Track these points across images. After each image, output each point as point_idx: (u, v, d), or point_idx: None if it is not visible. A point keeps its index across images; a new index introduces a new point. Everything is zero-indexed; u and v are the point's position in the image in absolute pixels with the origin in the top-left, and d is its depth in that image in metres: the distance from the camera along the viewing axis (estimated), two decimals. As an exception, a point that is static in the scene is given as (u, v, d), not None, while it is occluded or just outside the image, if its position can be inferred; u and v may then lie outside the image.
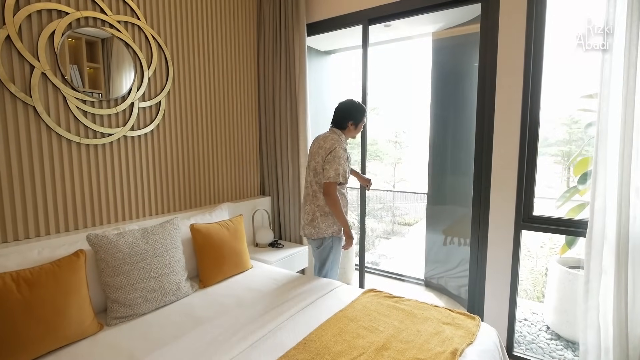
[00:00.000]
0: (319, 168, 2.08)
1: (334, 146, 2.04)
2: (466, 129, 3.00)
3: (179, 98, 2.34)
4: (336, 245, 2.15)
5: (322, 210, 2.10)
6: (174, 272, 1.82)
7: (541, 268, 4.13)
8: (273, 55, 2.81)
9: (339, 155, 2.02)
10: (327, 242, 2.13)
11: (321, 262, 2.19)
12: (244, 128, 2.84)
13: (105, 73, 1.94)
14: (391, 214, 8.82)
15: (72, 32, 1.80)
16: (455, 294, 3.08)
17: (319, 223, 2.10)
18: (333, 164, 2.00)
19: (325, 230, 2.10)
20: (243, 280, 2.09)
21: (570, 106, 2.87)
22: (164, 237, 1.84)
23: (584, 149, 2.40)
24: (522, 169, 2.07)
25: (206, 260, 2.03)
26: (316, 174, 2.10)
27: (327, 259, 2.17)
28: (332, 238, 2.13)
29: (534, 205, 2.11)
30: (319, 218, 2.10)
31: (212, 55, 2.54)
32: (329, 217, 2.10)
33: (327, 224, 2.10)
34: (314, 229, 2.11)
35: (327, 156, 2.03)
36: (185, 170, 2.40)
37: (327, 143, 2.06)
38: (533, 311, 2.85)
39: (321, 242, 2.15)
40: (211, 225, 2.10)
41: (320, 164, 2.07)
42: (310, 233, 2.14)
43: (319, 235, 2.12)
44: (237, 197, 2.83)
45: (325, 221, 2.10)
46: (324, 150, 2.06)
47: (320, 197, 2.09)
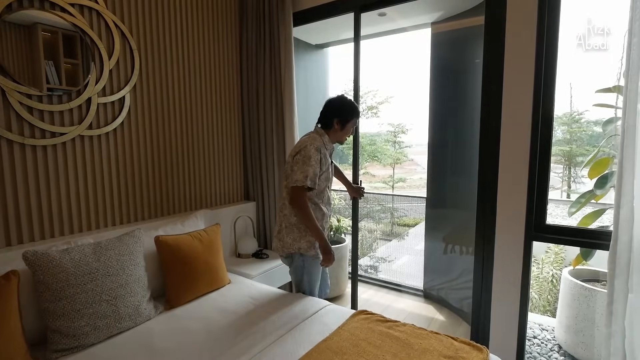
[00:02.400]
0: (289, 170, 1.77)
1: (305, 144, 1.73)
2: (468, 128, 2.75)
3: (148, 93, 2.09)
4: (309, 265, 1.83)
5: (287, 221, 1.80)
6: (132, 293, 1.57)
7: (546, 275, 3.90)
8: (257, 46, 2.56)
9: (309, 154, 1.69)
10: (297, 261, 1.84)
11: (296, 283, 1.92)
12: (224, 126, 2.59)
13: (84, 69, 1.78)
14: (390, 215, 8.59)
15: (47, 27, 1.64)
16: (456, 307, 2.83)
17: (284, 236, 1.81)
18: (302, 165, 1.68)
19: (290, 245, 1.79)
20: (217, 300, 1.83)
21: (583, 102, 2.65)
22: (120, 252, 1.58)
23: (601, 148, 2.15)
24: (533, 173, 1.82)
25: (174, 278, 1.78)
26: (286, 177, 1.80)
27: (301, 280, 1.88)
28: (302, 256, 1.82)
29: (547, 213, 1.87)
30: (283, 230, 1.81)
31: (187, 46, 2.29)
32: (295, 230, 1.78)
33: (293, 237, 1.78)
34: (280, 243, 1.83)
35: (296, 156, 1.72)
36: (155, 174, 2.15)
37: (300, 144, 1.77)
38: (542, 327, 2.60)
39: (290, 260, 1.87)
40: (181, 237, 1.85)
41: (290, 164, 1.76)
42: (276, 247, 1.86)
43: (284, 251, 1.83)
44: (217, 202, 2.58)
45: (290, 234, 1.79)
46: (295, 151, 1.76)
47: (287, 206, 1.79)
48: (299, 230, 1.78)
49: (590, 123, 5.24)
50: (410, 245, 6.02)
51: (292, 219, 1.79)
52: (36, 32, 1.62)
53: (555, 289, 3.75)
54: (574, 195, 6.13)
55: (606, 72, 2.39)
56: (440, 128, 3.08)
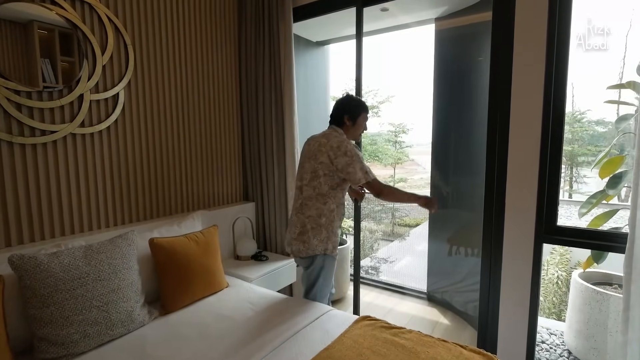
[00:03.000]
0: (322, 170, 1.72)
1: (343, 143, 1.71)
2: (473, 126, 2.68)
3: (143, 90, 2.02)
4: (328, 264, 1.81)
5: (314, 222, 1.75)
6: (125, 299, 1.50)
7: (551, 276, 3.82)
8: (256, 42, 2.49)
9: (354, 152, 1.70)
10: (318, 261, 1.79)
11: (309, 285, 1.86)
12: (223, 124, 2.52)
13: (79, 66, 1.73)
14: (391, 216, 8.52)
15: (43, 24, 1.60)
16: (461, 311, 2.75)
17: (310, 237, 1.75)
18: (356, 163, 1.69)
19: (316, 247, 1.76)
20: (214, 304, 1.76)
21: (584, 102, 2.58)
22: (112, 255, 1.51)
23: (612, 147, 2.07)
24: (544, 172, 1.75)
25: (169, 282, 1.71)
26: (315, 177, 1.73)
27: (316, 281, 1.83)
28: (324, 257, 1.79)
29: (558, 214, 1.79)
30: (309, 231, 1.75)
31: (184, 42, 2.22)
32: (323, 231, 1.76)
33: (320, 239, 1.76)
34: (303, 245, 1.77)
35: (344, 157, 1.68)
36: (151, 173, 2.08)
37: (332, 141, 1.72)
38: (550, 331, 2.53)
39: (311, 261, 1.81)
40: (176, 239, 1.78)
41: (327, 164, 1.71)
42: (298, 250, 1.79)
43: (308, 253, 1.77)
44: (215, 203, 2.51)
45: (318, 235, 1.75)
46: (329, 149, 1.70)
47: (312, 206, 1.75)
48: (327, 230, 1.76)
49: (592, 123, 5.17)
50: (411, 246, 5.95)
51: (320, 220, 1.74)
52: (32, 30, 1.58)
53: (561, 290, 3.67)
54: (576, 195, 6.03)
55: (606, 72, 2.33)
56: (444, 127, 3.00)
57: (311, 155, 1.76)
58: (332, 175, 1.73)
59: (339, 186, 1.78)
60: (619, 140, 2.10)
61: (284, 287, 2.43)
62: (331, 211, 1.77)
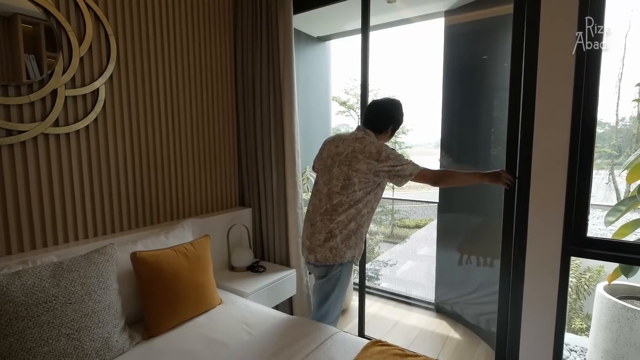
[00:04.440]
0: (358, 177, 1.57)
1: (382, 147, 1.58)
2: (488, 124, 2.51)
3: (127, 85, 1.82)
4: (345, 273, 1.67)
5: (343, 227, 1.60)
6: (100, 324, 1.30)
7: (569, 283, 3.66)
8: (253, 35, 2.30)
9: (395, 152, 1.59)
10: (335, 271, 1.64)
11: (323, 297, 1.70)
12: (217, 124, 2.32)
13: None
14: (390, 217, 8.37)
15: (28, 18, 1.46)
16: (473, 324, 2.57)
17: (339, 244, 1.60)
18: (399, 160, 1.56)
19: (344, 254, 1.62)
20: (205, 326, 1.57)
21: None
22: (86, 273, 1.32)
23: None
24: (573, 176, 1.57)
25: (154, 301, 1.51)
26: (349, 184, 1.57)
27: (331, 292, 1.67)
28: (343, 265, 1.64)
29: (588, 224, 1.61)
30: (337, 237, 1.60)
31: (173, 33, 2.02)
32: (352, 237, 1.63)
33: (348, 244, 1.62)
34: (330, 252, 1.61)
35: (388, 161, 1.55)
36: (136, 178, 1.88)
37: (369, 147, 1.57)
38: (570, 347, 2.35)
39: (327, 271, 1.65)
40: (163, 252, 1.58)
41: (364, 172, 1.56)
42: (324, 257, 1.61)
43: (336, 260, 1.61)
44: (209, 209, 2.31)
45: (347, 241, 1.61)
46: (367, 156, 1.55)
47: (343, 212, 1.59)
48: (355, 236, 1.63)
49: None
50: (413, 249, 5.77)
51: (350, 225, 1.61)
52: (16, 24, 1.42)
53: (571, 297, 3.51)
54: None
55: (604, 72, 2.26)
56: (454, 125, 2.82)
57: (343, 160, 1.59)
58: (368, 181, 1.59)
59: (373, 191, 1.64)
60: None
61: (282, 302, 2.24)
62: (362, 216, 1.64)
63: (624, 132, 3.03)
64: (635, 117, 2.72)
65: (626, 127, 2.96)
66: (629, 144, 2.99)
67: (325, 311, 1.69)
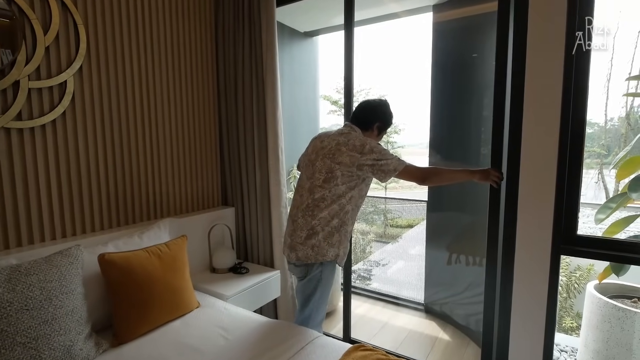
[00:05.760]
0: (341, 170, 1.52)
1: (366, 141, 1.53)
2: (476, 123, 2.46)
3: (99, 78, 1.73)
4: (327, 274, 1.59)
5: (325, 224, 1.54)
6: (62, 331, 1.21)
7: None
8: (234, 27, 2.22)
9: (380, 146, 1.53)
10: (316, 272, 1.57)
11: (305, 299, 1.63)
12: (198, 119, 2.23)
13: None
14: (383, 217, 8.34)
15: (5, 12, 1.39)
16: (462, 325, 2.52)
17: (321, 241, 1.54)
18: (384, 154, 1.51)
19: (327, 252, 1.55)
20: (179, 331, 1.48)
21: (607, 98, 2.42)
22: (47, 277, 1.22)
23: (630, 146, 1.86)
24: (563, 173, 1.52)
25: (124, 305, 1.42)
26: (332, 177, 1.52)
27: (312, 294, 1.60)
28: (325, 265, 1.57)
29: (578, 221, 1.57)
30: (320, 234, 1.54)
31: (149, 23, 1.93)
32: (335, 234, 1.56)
33: (331, 242, 1.55)
34: (312, 250, 1.54)
35: (371, 154, 1.49)
36: (109, 175, 1.79)
37: (354, 140, 1.53)
38: (560, 347, 2.31)
39: (307, 271, 1.58)
40: (134, 254, 1.49)
41: (347, 165, 1.51)
42: (305, 255, 1.55)
43: (317, 259, 1.55)
44: (189, 209, 2.22)
45: (329, 239, 1.55)
46: (351, 149, 1.50)
47: (325, 208, 1.54)
48: (339, 234, 1.57)
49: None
50: (404, 249, 5.73)
51: (333, 221, 1.54)
52: None
53: (561, 296, 3.48)
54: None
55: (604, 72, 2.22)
56: (442, 125, 2.77)
57: (326, 153, 1.55)
58: (352, 175, 1.53)
59: (357, 187, 1.57)
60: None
61: (266, 304, 2.16)
62: (346, 213, 1.57)
63: (613, 132, 3.06)
64: (624, 118, 2.73)
65: (615, 127, 2.99)
66: (617, 144, 3.02)
67: (308, 314, 1.63)
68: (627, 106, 2.54)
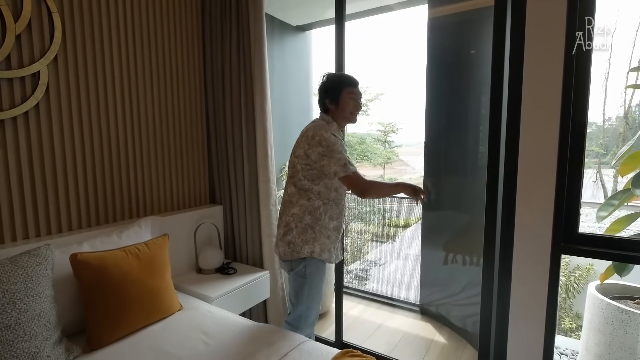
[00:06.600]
0: (300, 164, 1.51)
1: (319, 131, 1.47)
2: (474, 120, 2.38)
3: (75, 69, 1.64)
4: (311, 271, 1.54)
5: (298, 221, 1.54)
6: (27, 337, 1.12)
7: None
8: (222, 18, 2.14)
9: (330, 141, 1.45)
10: (299, 267, 1.54)
11: (294, 294, 1.60)
12: (184, 113, 2.15)
13: None
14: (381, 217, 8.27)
15: None
16: (458, 326, 2.44)
17: (295, 237, 1.53)
18: (331, 154, 1.44)
19: (302, 248, 1.52)
20: (158, 336, 1.40)
21: (605, 97, 2.37)
22: (10, 279, 1.14)
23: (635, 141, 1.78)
24: (564, 168, 1.44)
25: (97, 309, 1.34)
26: (295, 171, 1.54)
27: (300, 289, 1.57)
28: (307, 261, 1.53)
29: (579, 219, 1.49)
30: (294, 230, 1.53)
31: (131, 12, 1.85)
32: (309, 231, 1.53)
33: (305, 239, 1.53)
34: (288, 247, 1.54)
35: (317, 147, 1.45)
36: (87, 170, 1.70)
37: (310, 130, 1.51)
38: (560, 350, 2.23)
39: (291, 266, 1.56)
40: (109, 254, 1.41)
41: (303, 157, 1.49)
42: (283, 252, 1.56)
43: (293, 255, 1.53)
44: (175, 207, 2.14)
45: (303, 235, 1.53)
46: (304, 140, 1.50)
47: (296, 204, 1.54)
48: (313, 230, 1.53)
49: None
50: (401, 249, 5.65)
51: (305, 218, 1.53)
52: None
53: (560, 297, 3.42)
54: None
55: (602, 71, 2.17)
56: (439, 123, 2.69)
57: (294, 149, 1.58)
58: (310, 168, 1.49)
59: (322, 180, 1.51)
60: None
61: (254, 305, 2.07)
62: (316, 208, 1.53)
63: (611, 131, 3.05)
64: (622, 117, 2.69)
65: (613, 126, 2.99)
66: (615, 143, 2.99)
67: (300, 313, 1.58)
68: (625, 105, 2.50)
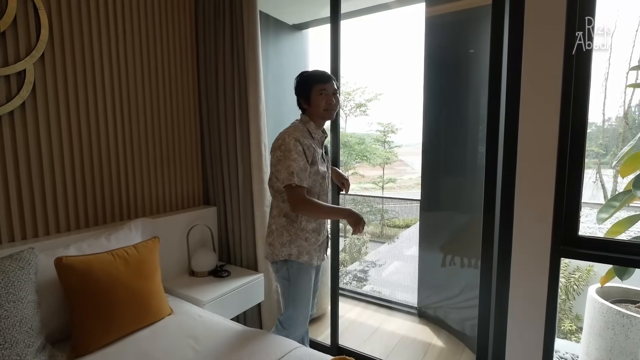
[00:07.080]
0: (270, 167, 1.55)
1: (282, 136, 1.49)
2: (473, 120, 2.34)
3: (63, 67, 1.60)
4: (294, 273, 1.54)
5: (277, 223, 1.56)
6: (7, 344, 1.08)
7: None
8: (215, 15, 2.10)
9: (289, 147, 1.44)
10: (282, 269, 1.55)
11: (281, 296, 1.62)
12: (177, 113, 2.11)
13: None
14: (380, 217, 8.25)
15: None
16: (457, 330, 2.40)
17: (275, 239, 1.56)
18: (285, 160, 1.43)
19: (279, 251, 1.54)
20: (146, 342, 1.36)
21: (605, 98, 2.34)
22: (-9, 284, 1.10)
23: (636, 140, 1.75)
24: (563, 169, 1.40)
25: (83, 314, 1.30)
26: (272, 175, 1.57)
27: (286, 292, 1.58)
28: (289, 263, 1.54)
29: (579, 222, 1.45)
30: (274, 233, 1.56)
31: (121, 9, 1.81)
32: (284, 234, 1.54)
33: (282, 241, 1.54)
34: (269, 249, 1.58)
35: (276, 152, 1.48)
36: (76, 172, 1.66)
37: (279, 134, 1.53)
38: (560, 354, 2.19)
39: (276, 268, 1.58)
40: (96, 257, 1.37)
41: (273, 163, 1.52)
42: (266, 254, 1.62)
43: (274, 258, 1.57)
44: (167, 208, 2.10)
45: (280, 238, 1.54)
46: (274, 144, 1.52)
47: (275, 206, 1.58)
48: (288, 233, 1.54)
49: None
50: (400, 249, 5.62)
51: (280, 220, 1.55)
52: None
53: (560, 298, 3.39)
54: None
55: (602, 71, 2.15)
56: (437, 123, 2.65)
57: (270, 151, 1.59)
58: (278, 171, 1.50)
59: None
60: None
61: (251, 307, 2.04)
62: (291, 210, 1.51)
63: (610, 131, 3.04)
64: (621, 117, 2.67)
65: (612, 126, 2.98)
66: (615, 143, 2.98)
67: (289, 314, 1.59)
68: (624, 105, 2.48)
